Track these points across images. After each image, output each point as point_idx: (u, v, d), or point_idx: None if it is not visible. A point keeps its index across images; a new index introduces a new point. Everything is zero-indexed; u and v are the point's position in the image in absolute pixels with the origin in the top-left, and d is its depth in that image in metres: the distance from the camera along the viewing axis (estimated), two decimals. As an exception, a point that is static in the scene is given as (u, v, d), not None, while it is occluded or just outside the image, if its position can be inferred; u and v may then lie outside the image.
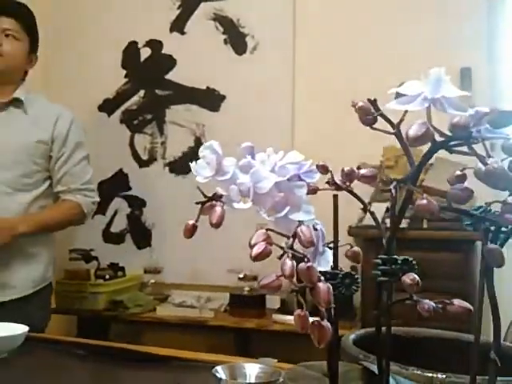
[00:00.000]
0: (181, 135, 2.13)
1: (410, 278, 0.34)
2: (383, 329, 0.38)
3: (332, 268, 0.38)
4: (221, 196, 0.35)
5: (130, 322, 1.93)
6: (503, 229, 0.34)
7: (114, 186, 2.14)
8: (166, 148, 2.14)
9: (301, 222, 0.33)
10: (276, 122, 2.03)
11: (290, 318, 1.85)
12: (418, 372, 0.46)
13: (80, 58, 2.24)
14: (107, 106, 2.21)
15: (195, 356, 0.88)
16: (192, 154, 2.10)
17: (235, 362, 0.61)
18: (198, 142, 2.11)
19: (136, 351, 0.89)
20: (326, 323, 0.33)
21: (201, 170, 0.35)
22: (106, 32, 2.21)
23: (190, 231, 0.36)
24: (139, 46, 2.19)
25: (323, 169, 0.37)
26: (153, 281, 2.05)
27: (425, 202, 0.32)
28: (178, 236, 0.49)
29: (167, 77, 2.15)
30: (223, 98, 2.10)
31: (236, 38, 2.10)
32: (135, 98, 2.19)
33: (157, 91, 2.17)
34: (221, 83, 2.10)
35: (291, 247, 0.33)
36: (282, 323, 1.79)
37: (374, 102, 0.35)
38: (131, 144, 2.17)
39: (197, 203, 0.36)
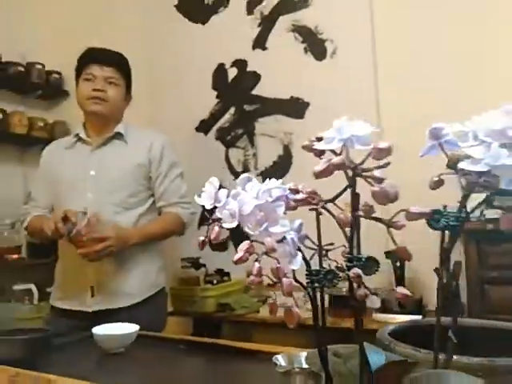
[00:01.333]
0: (270, 145, 2.24)
1: (353, 272, 0.40)
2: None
3: (320, 266, 0.44)
4: (219, 218, 0.44)
5: (237, 322, 2.07)
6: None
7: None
8: (258, 158, 2.27)
9: (273, 234, 0.41)
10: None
11: (391, 317, 1.84)
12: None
13: (176, 86, 2.49)
14: (203, 126, 2.41)
15: (280, 350, 0.96)
16: (282, 162, 2.20)
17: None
18: (287, 150, 2.20)
19: (225, 345, 1.00)
20: (294, 309, 0.40)
21: (205, 201, 0.45)
22: (196, 59, 2.43)
23: (201, 246, 0.46)
24: (226, 67, 2.37)
25: (295, 191, 0.44)
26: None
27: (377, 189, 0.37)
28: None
29: (253, 92, 2.29)
30: (307, 104, 2.16)
31: (315, 45, 2.16)
32: (227, 116, 2.36)
33: (245, 107, 2.31)
34: (304, 91, 2.17)
35: (265, 253, 0.41)
36: (382, 322, 1.79)
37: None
38: (227, 158, 2.34)
39: (203, 225, 0.45)
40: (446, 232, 0.41)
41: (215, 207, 0.46)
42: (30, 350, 0.97)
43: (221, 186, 0.49)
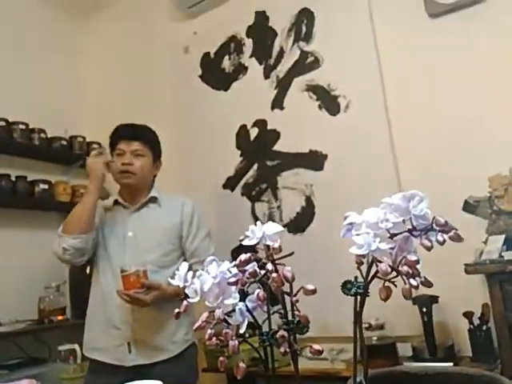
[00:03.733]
0: (293, 197, 2.33)
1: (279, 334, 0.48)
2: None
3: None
4: (186, 295, 0.54)
5: (267, 377, 2.08)
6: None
7: (243, 252, 2.41)
8: (282, 211, 2.36)
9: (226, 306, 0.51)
10: (379, 169, 2.10)
11: (422, 365, 1.81)
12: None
13: (203, 148, 2.66)
14: (229, 184, 2.55)
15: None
16: (305, 213, 2.28)
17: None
18: (309, 201, 2.28)
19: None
20: (241, 364, 0.49)
21: (177, 281, 0.55)
22: (220, 122, 2.60)
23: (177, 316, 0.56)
24: (248, 127, 2.52)
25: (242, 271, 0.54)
26: (288, 336, 2.19)
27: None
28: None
29: (274, 148, 2.42)
30: (325, 157, 2.26)
31: (329, 101, 2.29)
32: (250, 173, 2.49)
33: (267, 162, 2.44)
34: (321, 144, 2.28)
35: (217, 322, 0.50)
36: (414, 370, 1.76)
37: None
38: (253, 212, 2.45)
39: (181, 299, 0.56)
40: (358, 297, 0.48)
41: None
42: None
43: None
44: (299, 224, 2.28)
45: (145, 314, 1.63)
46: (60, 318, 2.51)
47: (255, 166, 2.49)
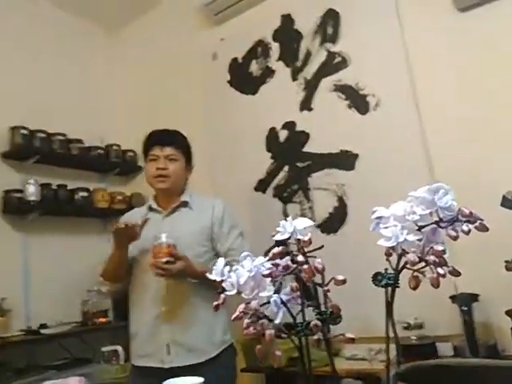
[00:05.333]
0: (325, 198, 2.34)
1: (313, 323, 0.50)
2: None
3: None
4: (224, 289, 0.57)
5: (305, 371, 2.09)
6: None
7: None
8: (314, 211, 2.37)
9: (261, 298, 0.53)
10: (411, 167, 2.08)
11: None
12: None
13: (234, 152, 2.71)
14: (261, 186, 2.58)
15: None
16: (338, 213, 2.29)
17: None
18: (342, 201, 2.29)
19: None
20: (278, 352, 0.51)
21: (215, 276, 0.58)
22: (250, 126, 2.64)
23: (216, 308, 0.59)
24: (277, 129, 2.55)
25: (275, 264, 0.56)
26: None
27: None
28: (340, 291, 0.67)
29: (304, 149, 2.44)
30: (356, 156, 2.26)
31: (358, 101, 2.29)
32: (282, 174, 2.52)
33: (298, 164, 2.46)
34: (352, 143, 2.28)
35: (254, 313, 0.53)
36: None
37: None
38: (285, 213, 2.47)
39: (218, 293, 0.58)
40: (389, 288, 0.49)
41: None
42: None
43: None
44: (332, 224, 2.29)
45: (182, 316, 1.68)
46: (103, 320, 2.61)
47: (286, 168, 2.51)
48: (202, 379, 1.18)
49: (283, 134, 2.53)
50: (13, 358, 2.27)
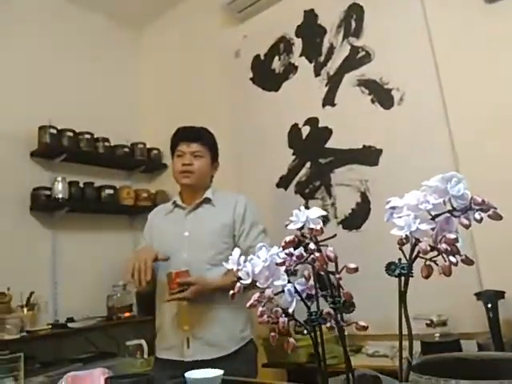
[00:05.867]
0: (347, 194, 2.31)
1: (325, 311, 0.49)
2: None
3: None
4: (240, 278, 0.57)
5: (329, 373, 2.08)
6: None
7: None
8: (337, 208, 2.34)
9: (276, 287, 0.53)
10: (437, 162, 2.03)
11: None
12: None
13: (257, 149, 2.71)
14: (283, 183, 2.57)
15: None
16: (360, 209, 2.26)
17: None
18: (365, 197, 2.26)
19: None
20: (291, 340, 0.51)
21: (231, 265, 0.58)
22: (273, 122, 2.64)
23: (233, 297, 0.59)
24: (300, 126, 2.54)
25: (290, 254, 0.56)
26: (346, 333, 2.18)
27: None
28: (363, 288, 0.66)
29: (327, 146, 2.42)
30: (380, 151, 2.23)
31: (382, 95, 2.25)
32: (303, 171, 2.50)
33: (320, 160, 2.44)
34: (375, 139, 2.24)
35: (268, 300, 0.52)
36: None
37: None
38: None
39: (232, 282, 0.58)
40: (402, 278, 0.48)
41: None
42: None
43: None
44: (354, 221, 2.26)
45: (202, 311, 1.69)
46: (127, 314, 2.66)
47: (308, 164, 2.49)
48: (221, 371, 1.19)
49: (305, 131, 2.52)
50: (40, 351, 2.34)
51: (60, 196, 2.66)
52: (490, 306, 1.70)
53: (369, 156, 2.26)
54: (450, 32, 2.06)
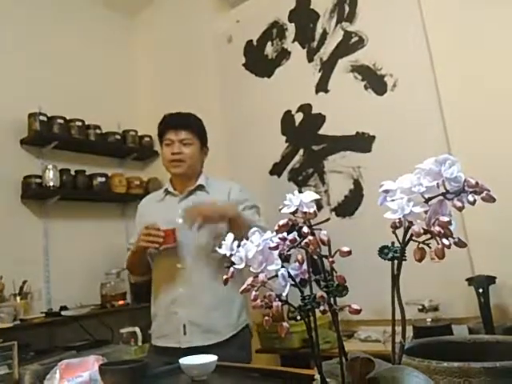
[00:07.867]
0: (340, 181, 2.31)
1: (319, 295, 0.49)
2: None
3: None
4: (233, 262, 0.57)
5: (322, 357, 2.10)
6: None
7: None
8: (330, 195, 2.34)
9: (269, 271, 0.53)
10: (430, 149, 2.03)
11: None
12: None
13: (249, 135, 2.70)
14: (276, 170, 2.57)
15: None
16: (353, 196, 2.26)
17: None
18: (358, 184, 2.26)
19: (295, 372, 1.08)
20: (284, 324, 0.51)
21: (224, 250, 0.58)
22: (265, 109, 2.62)
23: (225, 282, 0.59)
24: (292, 112, 2.52)
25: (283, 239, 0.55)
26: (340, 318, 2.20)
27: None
28: (356, 274, 0.66)
29: (320, 132, 2.41)
30: (373, 138, 2.22)
31: (375, 81, 2.24)
32: (297, 158, 2.49)
33: (313, 147, 2.43)
34: (368, 125, 2.24)
35: (261, 285, 0.52)
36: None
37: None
38: (300, 197, 2.45)
39: (226, 267, 0.58)
40: (395, 261, 0.48)
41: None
42: (131, 377, 1.13)
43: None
44: (348, 207, 2.27)
45: (199, 298, 1.70)
46: (121, 302, 2.66)
47: (301, 151, 2.49)
48: (215, 357, 1.20)
49: (298, 117, 2.50)
50: (35, 339, 2.33)
51: (51, 184, 2.64)
52: (481, 291, 1.71)
53: (362, 143, 2.25)
54: (444, 17, 2.05)
